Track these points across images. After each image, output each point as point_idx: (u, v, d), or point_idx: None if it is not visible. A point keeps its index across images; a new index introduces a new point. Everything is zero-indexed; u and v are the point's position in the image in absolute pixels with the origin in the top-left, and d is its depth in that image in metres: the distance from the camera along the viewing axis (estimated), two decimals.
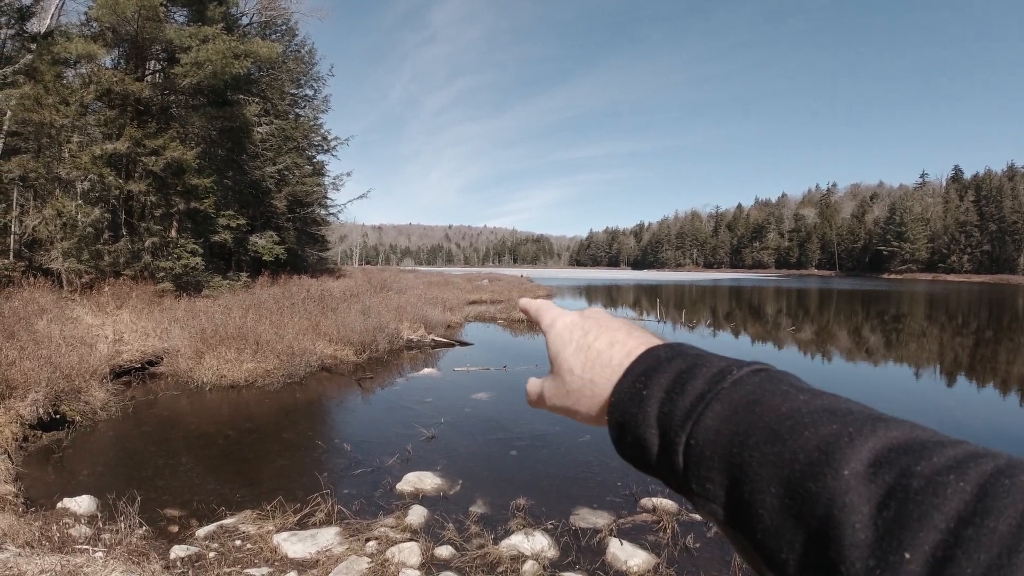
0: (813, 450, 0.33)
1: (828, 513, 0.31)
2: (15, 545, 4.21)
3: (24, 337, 9.22)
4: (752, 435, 0.36)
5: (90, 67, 18.26)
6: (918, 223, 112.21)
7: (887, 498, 0.30)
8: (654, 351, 0.47)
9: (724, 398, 0.39)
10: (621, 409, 0.44)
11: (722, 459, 0.37)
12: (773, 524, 0.33)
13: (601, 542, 4.92)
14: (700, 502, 0.39)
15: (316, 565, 4.45)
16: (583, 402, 0.50)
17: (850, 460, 0.32)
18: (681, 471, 0.40)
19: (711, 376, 0.41)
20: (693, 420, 0.39)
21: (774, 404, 0.37)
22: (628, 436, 0.44)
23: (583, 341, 0.52)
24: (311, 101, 33.57)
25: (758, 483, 0.35)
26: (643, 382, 0.44)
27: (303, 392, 10.57)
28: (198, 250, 19.66)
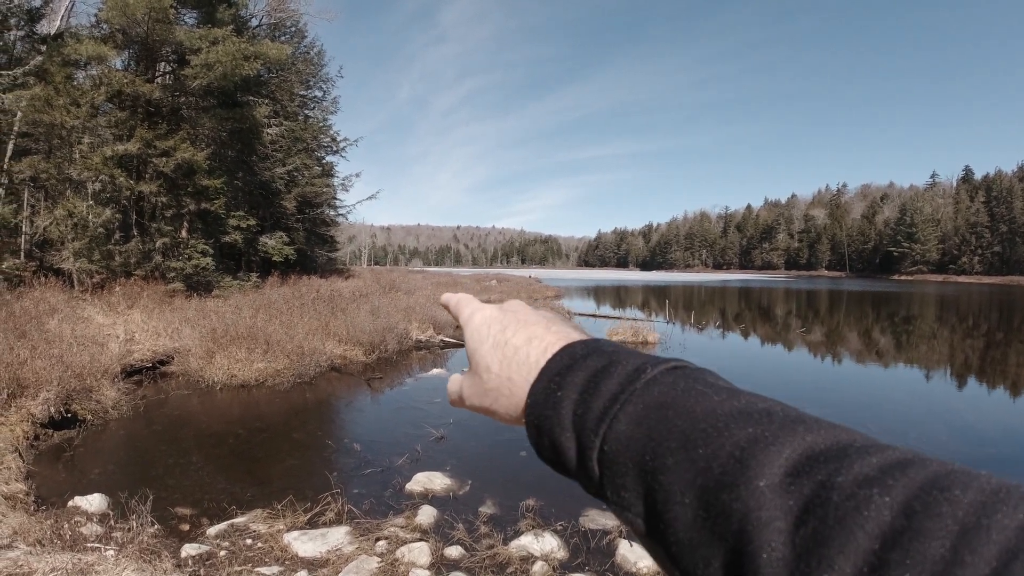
0: (727, 457, 0.31)
1: (743, 528, 0.28)
2: (26, 543, 4.23)
3: (35, 336, 9.28)
4: (664, 440, 0.34)
5: (100, 69, 18.37)
6: (928, 224, 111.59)
7: (805, 512, 0.27)
8: (570, 348, 0.44)
9: (637, 400, 0.37)
10: (537, 412, 0.42)
11: (636, 466, 0.35)
12: (687, 538, 0.31)
13: (611, 543, 4.91)
14: (618, 511, 0.36)
15: (326, 564, 4.45)
16: (501, 402, 0.47)
17: (765, 469, 0.30)
18: (597, 479, 0.37)
19: (625, 375, 0.39)
20: (607, 424, 0.37)
21: (688, 406, 0.35)
22: (545, 440, 0.41)
23: (500, 337, 0.48)
24: (320, 102, 33.66)
25: (671, 493, 0.32)
26: (557, 382, 0.41)
27: (313, 392, 10.59)
28: (208, 250, 19.74)
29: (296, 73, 29.76)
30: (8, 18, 17.67)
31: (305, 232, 29.95)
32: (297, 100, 30.39)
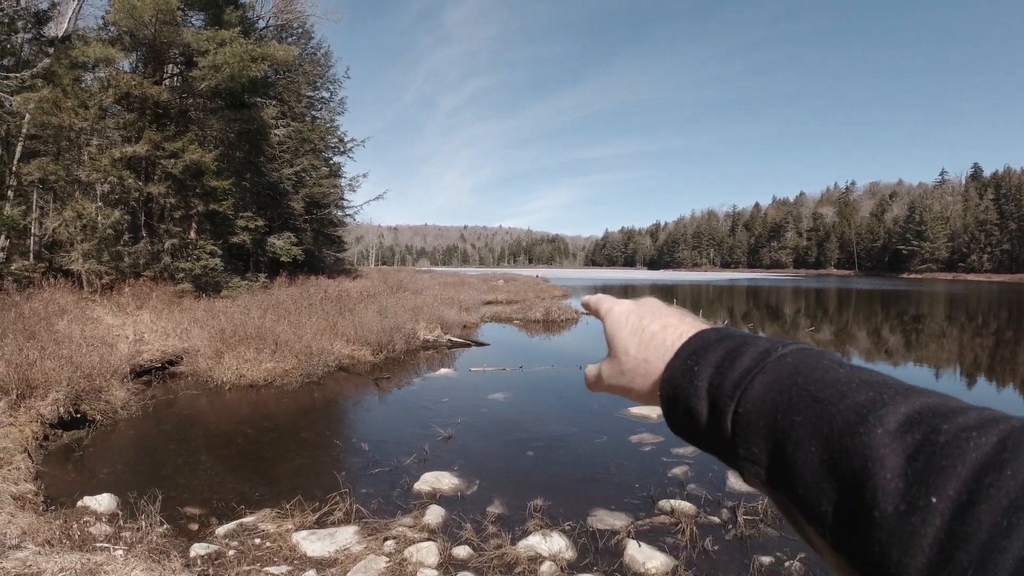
0: (850, 412, 0.36)
1: (863, 466, 0.34)
2: (35, 543, 4.24)
3: (45, 337, 9.32)
4: (794, 402, 0.39)
5: (108, 71, 18.47)
6: (938, 222, 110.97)
7: (916, 452, 0.33)
8: (705, 333, 0.50)
9: (769, 371, 0.42)
10: (673, 384, 0.48)
11: (767, 424, 0.40)
12: (813, 480, 0.36)
13: (619, 544, 4.89)
14: (746, 465, 0.42)
15: (335, 564, 4.45)
16: (637, 380, 0.54)
17: (884, 420, 0.35)
18: (729, 437, 0.43)
19: (757, 353, 0.45)
20: (741, 390, 0.43)
21: (815, 376, 0.40)
22: (679, 408, 0.48)
23: (638, 325, 0.56)
24: (327, 103, 33.77)
25: (799, 443, 0.38)
26: (695, 359, 0.48)
27: (321, 392, 10.61)
28: (217, 251, 19.82)
29: (303, 74, 29.84)
30: (15, 20, 17.75)
31: (313, 233, 30.04)
32: (304, 101, 30.49)
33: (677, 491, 6.01)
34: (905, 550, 0.31)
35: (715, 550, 4.82)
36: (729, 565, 4.61)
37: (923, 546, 0.30)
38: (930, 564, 0.30)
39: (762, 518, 5.31)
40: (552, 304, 25.66)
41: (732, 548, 4.88)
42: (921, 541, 0.30)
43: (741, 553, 4.77)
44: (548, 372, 12.58)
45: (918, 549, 0.30)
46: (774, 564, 4.59)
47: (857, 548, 0.33)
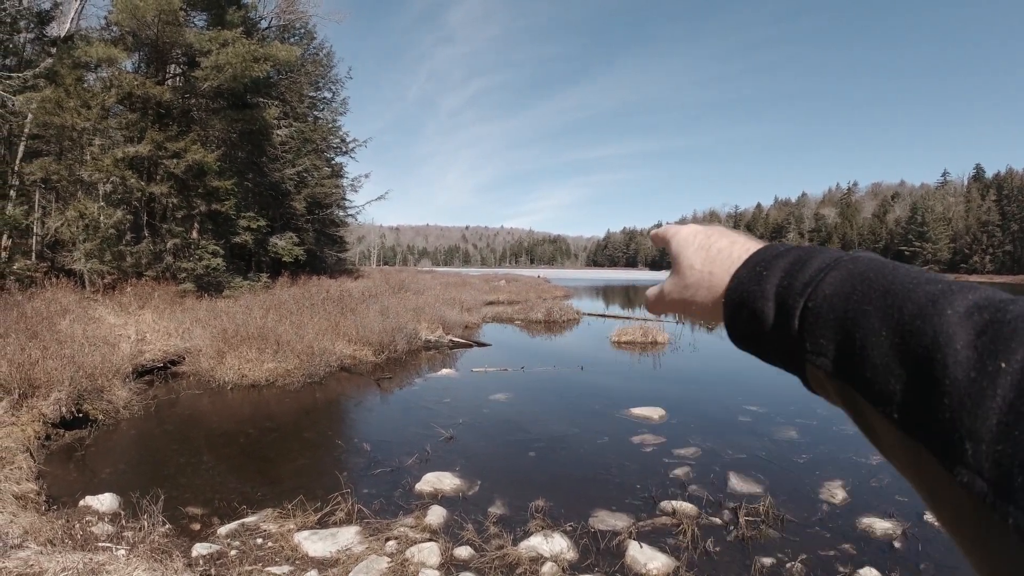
0: (921, 299, 0.37)
1: (933, 342, 0.34)
2: (37, 543, 4.25)
3: (47, 337, 9.33)
4: (865, 294, 0.40)
5: (111, 71, 18.48)
6: (940, 223, 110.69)
7: (985, 328, 0.33)
8: (773, 245, 0.52)
9: (842, 268, 0.43)
10: (740, 290, 0.50)
11: (837, 316, 0.41)
12: (882, 361, 0.37)
13: (620, 545, 4.88)
14: (811, 359, 0.42)
15: (336, 564, 4.45)
16: (701, 292, 0.55)
17: (953, 304, 0.35)
18: (796, 334, 0.43)
19: (828, 257, 0.46)
20: (812, 287, 0.44)
21: (886, 272, 0.41)
22: (744, 312, 0.49)
23: (705, 242, 0.57)
24: (329, 104, 33.79)
25: (869, 330, 0.38)
26: (763, 266, 0.49)
27: (323, 392, 10.61)
28: (219, 251, 19.82)
29: (305, 75, 29.86)
30: (18, 20, 17.79)
31: (315, 233, 30.05)
32: (307, 101, 30.50)
33: (679, 492, 6.00)
34: (976, 413, 0.31)
35: (716, 551, 4.81)
36: (730, 566, 4.61)
37: (994, 407, 0.31)
38: (1000, 424, 0.30)
39: (763, 519, 5.31)
40: (554, 305, 25.66)
41: (733, 549, 4.87)
42: (992, 403, 0.31)
43: (742, 554, 4.77)
44: (550, 373, 12.58)
45: (989, 411, 0.31)
46: (775, 565, 4.58)
47: (926, 421, 0.34)
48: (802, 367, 0.43)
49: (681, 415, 8.93)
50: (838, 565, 4.60)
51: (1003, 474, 0.30)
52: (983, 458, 0.31)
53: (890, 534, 5.11)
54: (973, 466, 0.31)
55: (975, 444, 0.31)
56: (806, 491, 6.09)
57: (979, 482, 0.31)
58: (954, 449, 0.32)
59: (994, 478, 0.30)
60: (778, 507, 5.55)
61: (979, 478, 0.31)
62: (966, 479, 0.31)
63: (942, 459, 0.33)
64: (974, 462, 0.31)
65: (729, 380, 11.61)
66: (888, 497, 5.84)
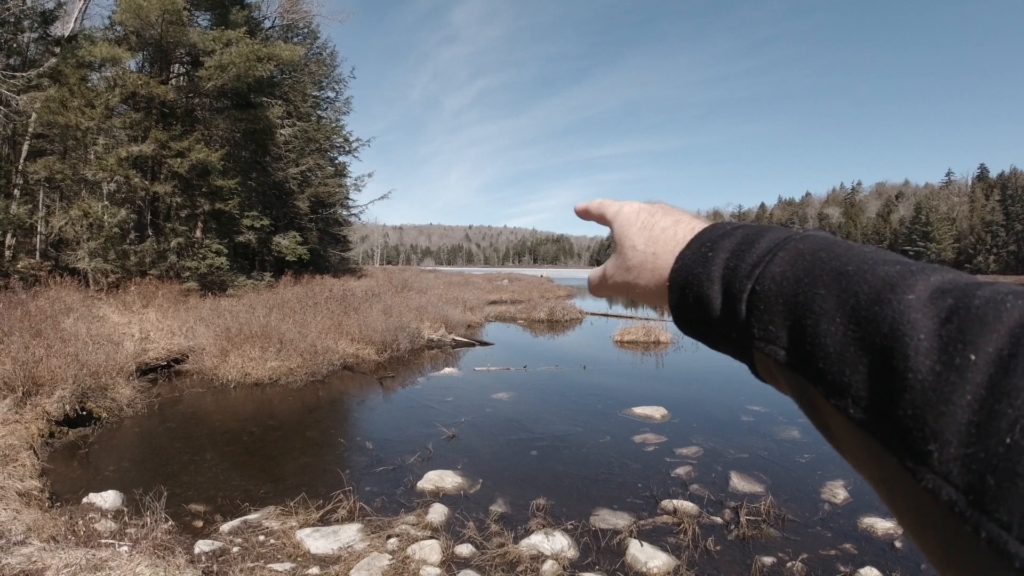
0: (877, 282, 0.34)
1: (893, 330, 0.32)
2: (40, 539, 4.27)
3: (51, 335, 9.36)
4: (818, 275, 0.38)
5: (115, 70, 18.51)
6: (944, 223, 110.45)
7: (950, 315, 0.31)
8: (719, 225, 0.49)
9: (791, 248, 0.41)
10: (685, 272, 0.47)
11: (787, 301, 0.38)
12: (837, 350, 0.34)
13: (621, 543, 4.89)
14: (760, 346, 0.40)
15: (338, 561, 4.47)
16: (644, 275, 0.53)
17: (914, 288, 0.33)
18: (743, 318, 0.41)
19: (777, 236, 0.44)
20: (760, 269, 0.41)
21: (838, 252, 0.39)
22: (690, 296, 0.46)
23: (648, 221, 0.55)
24: (333, 103, 33.84)
25: (822, 316, 0.36)
26: (708, 246, 0.47)
27: (326, 390, 10.64)
28: (223, 250, 19.85)
29: (309, 74, 29.90)
30: (21, 20, 17.84)
31: (318, 232, 30.11)
32: (310, 101, 30.54)
33: (680, 491, 6.01)
34: (943, 411, 0.28)
35: (717, 550, 4.82)
36: (731, 565, 4.61)
37: (962, 404, 0.28)
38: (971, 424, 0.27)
39: (765, 519, 5.31)
40: (556, 304, 25.67)
41: (734, 548, 4.88)
42: (960, 400, 0.28)
43: (743, 553, 4.77)
44: (552, 372, 12.59)
45: (957, 409, 0.28)
46: (776, 564, 4.59)
47: (886, 417, 0.31)
48: (751, 355, 0.41)
49: (683, 414, 8.94)
50: (839, 565, 4.60)
51: (975, 481, 0.27)
52: (951, 462, 0.28)
53: (891, 534, 5.11)
54: (939, 470, 0.28)
55: (941, 446, 0.28)
56: (808, 490, 6.09)
57: (947, 488, 0.28)
58: (917, 450, 0.29)
59: (964, 485, 0.27)
60: (779, 506, 5.55)
61: (947, 484, 0.28)
62: (931, 484, 0.28)
63: (903, 460, 0.30)
64: (940, 466, 0.28)
65: (731, 380, 11.61)
66: None
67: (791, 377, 0.38)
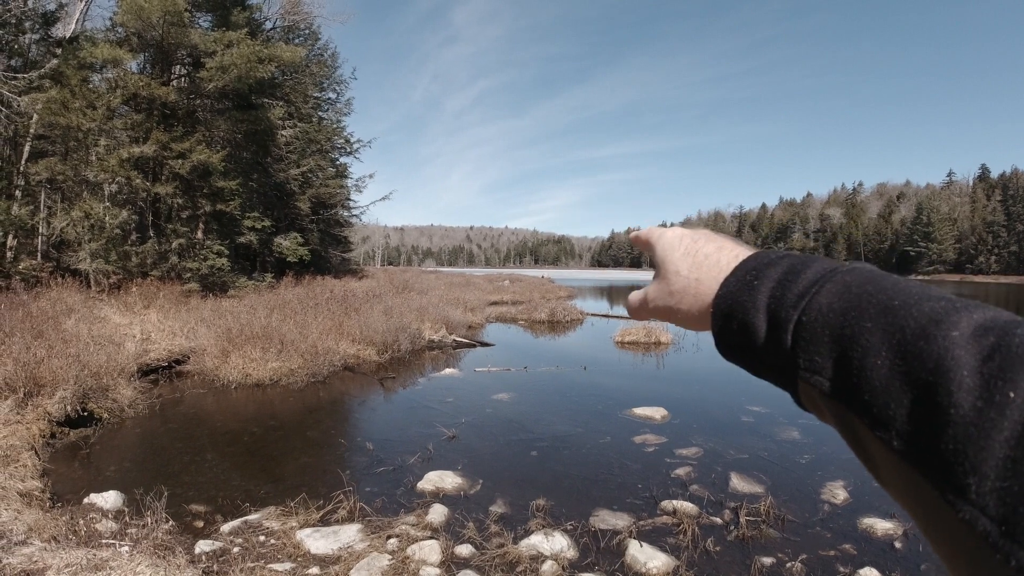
0: (923, 318, 0.35)
1: (938, 366, 0.32)
2: (41, 540, 4.28)
3: (52, 336, 9.38)
4: (864, 308, 0.38)
5: (116, 72, 18.55)
6: (945, 223, 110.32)
7: (992, 352, 0.31)
8: (763, 253, 0.50)
9: (838, 280, 0.41)
10: (729, 300, 0.47)
11: (833, 332, 0.39)
12: (882, 384, 0.35)
13: (621, 544, 4.90)
14: (806, 376, 0.40)
15: (338, 561, 4.48)
16: (686, 300, 0.53)
17: (958, 325, 0.34)
18: (788, 349, 0.41)
19: (823, 267, 0.44)
20: (807, 300, 0.42)
21: (885, 286, 0.39)
22: (734, 323, 0.46)
23: (692, 247, 0.55)
24: (334, 104, 33.86)
25: (868, 349, 0.36)
26: (754, 275, 0.47)
27: (326, 391, 10.65)
28: (224, 251, 19.88)
29: (310, 75, 29.93)
30: (23, 21, 17.87)
31: (319, 233, 30.12)
32: (311, 102, 30.56)
33: (680, 492, 6.01)
34: (982, 446, 0.29)
35: (717, 551, 4.82)
36: (731, 566, 4.61)
37: (1000, 440, 0.29)
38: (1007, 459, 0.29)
39: (764, 519, 5.32)
40: (557, 305, 25.65)
41: (734, 549, 4.88)
42: (999, 436, 0.29)
43: (743, 554, 4.78)
44: (553, 373, 12.59)
45: (995, 444, 0.29)
46: (776, 565, 4.59)
47: (928, 451, 0.32)
48: (794, 383, 0.42)
49: (683, 415, 8.94)
50: (839, 565, 4.60)
51: (1008, 513, 0.28)
52: (988, 495, 0.29)
53: (891, 534, 5.12)
54: (977, 503, 0.29)
55: (980, 479, 0.29)
56: (807, 491, 6.09)
57: (983, 520, 0.29)
58: (957, 483, 0.30)
59: (999, 517, 0.28)
60: (779, 507, 5.56)
61: (983, 516, 0.29)
62: (968, 516, 0.30)
63: (944, 493, 0.31)
64: (978, 498, 0.29)
65: (732, 381, 11.61)
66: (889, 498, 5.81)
67: (835, 408, 0.39)
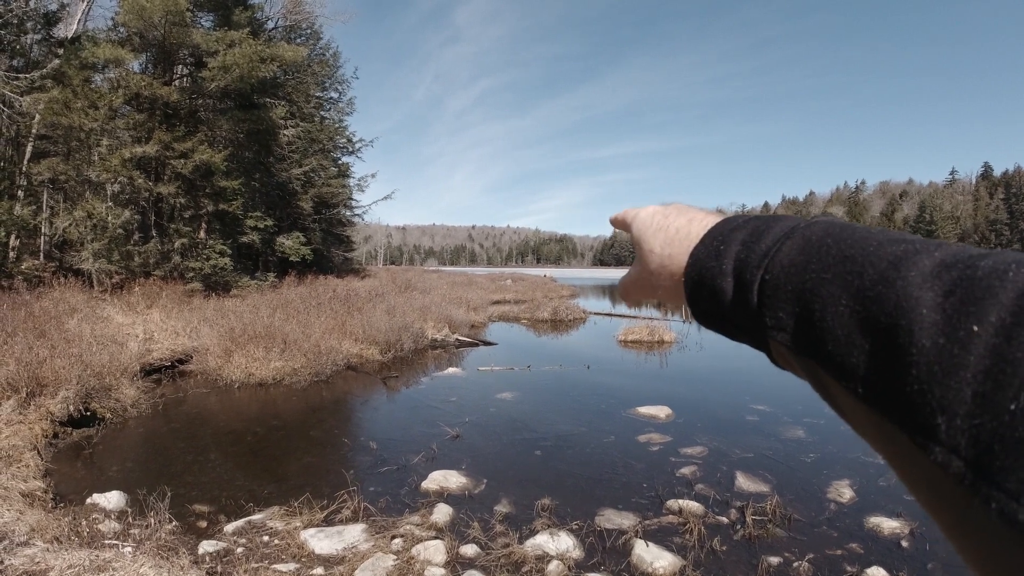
0: (882, 263, 0.34)
1: (897, 307, 0.32)
2: (43, 540, 4.26)
3: (55, 336, 9.37)
4: (823, 260, 0.38)
5: (118, 72, 18.57)
6: (948, 221, 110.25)
7: (953, 287, 0.30)
8: (731, 218, 0.50)
9: (797, 237, 0.41)
10: (698, 267, 0.47)
11: (795, 287, 0.39)
12: (843, 332, 0.34)
13: (626, 543, 4.87)
14: (772, 334, 0.40)
15: (342, 562, 4.46)
16: (663, 277, 0.53)
17: (918, 264, 0.33)
18: (755, 307, 0.41)
19: (787, 225, 0.44)
20: (769, 258, 0.41)
21: (843, 236, 0.39)
22: (704, 290, 0.46)
23: (663, 223, 0.55)
24: (336, 103, 33.90)
25: (828, 299, 0.36)
26: (720, 239, 0.47)
27: (329, 390, 10.63)
28: (227, 251, 19.90)
29: (312, 75, 29.94)
30: (24, 21, 17.88)
31: (322, 232, 30.13)
32: (313, 102, 30.57)
33: (685, 491, 5.99)
34: (948, 384, 0.28)
35: (723, 550, 4.80)
36: (737, 565, 4.59)
37: (967, 376, 0.28)
38: (976, 395, 0.27)
39: (770, 518, 5.29)
40: (560, 304, 25.66)
41: (740, 548, 4.86)
42: (964, 372, 0.28)
43: (749, 553, 4.75)
44: (556, 371, 12.57)
45: (962, 380, 0.28)
46: (782, 564, 4.56)
47: (893, 394, 0.31)
48: (766, 343, 0.41)
49: (688, 414, 8.91)
50: (845, 564, 4.58)
51: (982, 452, 0.27)
52: (958, 434, 0.28)
53: (898, 533, 5.09)
54: (947, 443, 0.28)
55: (948, 419, 0.28)
56: (813, 490, 6.06)
57: (956, 461, 0.28)
58: (926, 425, 0.29)
59: (972, 457, 0.27)
60: (785, 506, 5.52)
61: (955, 457, 0.28)
62: (940, 458, 0.28)
63: (913, 436, 0.30)
64: (948, 438, 0.28)
65: (736, 379, 11.58)
66: (896, 496, 5.81)
67: (803, 362, 0.38)
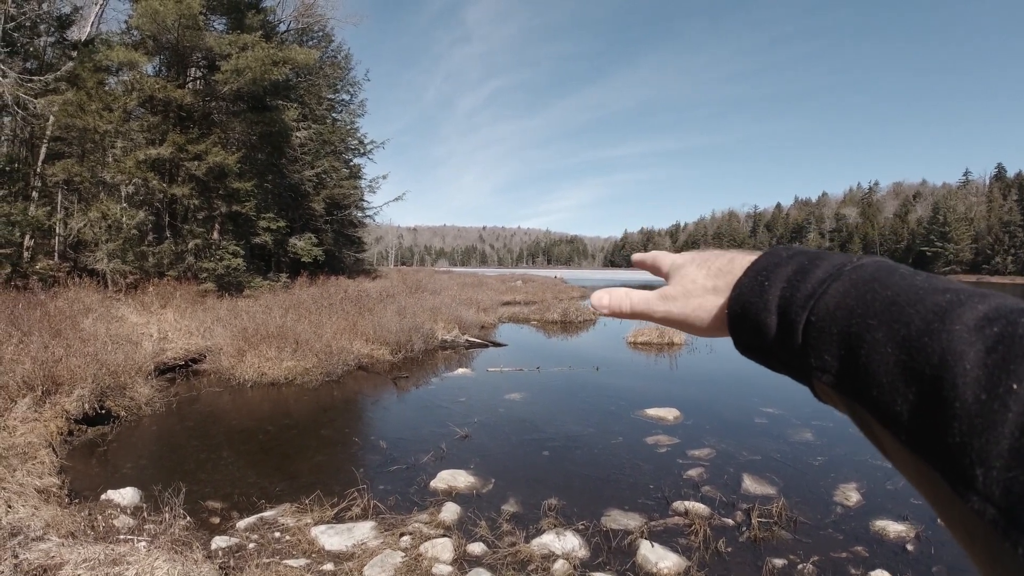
0: (927, 313, 0.35)
1: (941, 360, 0.33)
2: (58, 535, 4.34)
3: (70, 335, 9.48)
4: (870, 306, 0.38)
5: (132, 74, 18.74)
6: (962, 223, 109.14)
7: (995, 343, 0.32)
8: (775, 251, 0.49)
9: (844, 279, 0.41)
10: (742, 301, 0.47)
11: (840, 330, 0.39)
12: (888, 379, 0.35)
13: (632, 544, 4.90)
14: (816, 375, 0.41)
15: (352, 558, 4.52)
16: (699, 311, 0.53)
17: (962, 317, 0.34)
18: (799, 348, 0.42)
19: (832, 265, 0.44)
20: (815, 299, 0.42)
21: (890, 282, 0.39)
22: (747, 324, 0.46)
23: (704, 259, 0.55)
24: (348, 105, 34.03)
25: (874, 346, 0.36)
26: (765, 275, 0.47)
27: (341, 390, 10.71)
28: (239, 251, 20.03)
29: (324, 77, 30.10)
30: (38, 24, 18.08)
31: (333, 233, 30.27)
32: (325, 104, 30.72)
33: (692, 493, 6.01)
34: (987, 438, 0.30)
35: (728, 552, 4.82)
36: (742, 567, 4.61)
37: (1005, 431, 0.29)
38: (1012, 450, 0.29)
39: (776, 521, 5.30)
40: (570, 305, 25.62)
41: (745, 550, 4.88)
42: (1003, 427, 0.29)
43: (754, 555, 4.77)
44: (565, 373, 12.60)
45: (1000, 435, 0.29)
46: (787, 567, 4.58)
47: (935, 444, 0.32)
48: (809, 380, 0.42)
49: (696, 416, 8.93)
50: (850, 567, 4.59)
51: (1014, 503, 0.29)
52: (994, 485, 0.29)
53: (903, 537, 5.09)
54: (984, 493, 0.30)
55: (986, 470, 0.30)
56: (820, 493, 6.07)
57: (990, 509, 0.29)
58: (965, 474, 0.31)
59: (1005, 506, 0.29)
60: (791, 509, 5.54)
61: (990, 505, 0.29)
62: (977, 506, 0.30)
63: (953, 484, 0.31)
64: (984, 488, 0.30)
65: (745, 382, 11.57)
66: (902, 500, 5.81)
67: (847, 402, 0.39)
